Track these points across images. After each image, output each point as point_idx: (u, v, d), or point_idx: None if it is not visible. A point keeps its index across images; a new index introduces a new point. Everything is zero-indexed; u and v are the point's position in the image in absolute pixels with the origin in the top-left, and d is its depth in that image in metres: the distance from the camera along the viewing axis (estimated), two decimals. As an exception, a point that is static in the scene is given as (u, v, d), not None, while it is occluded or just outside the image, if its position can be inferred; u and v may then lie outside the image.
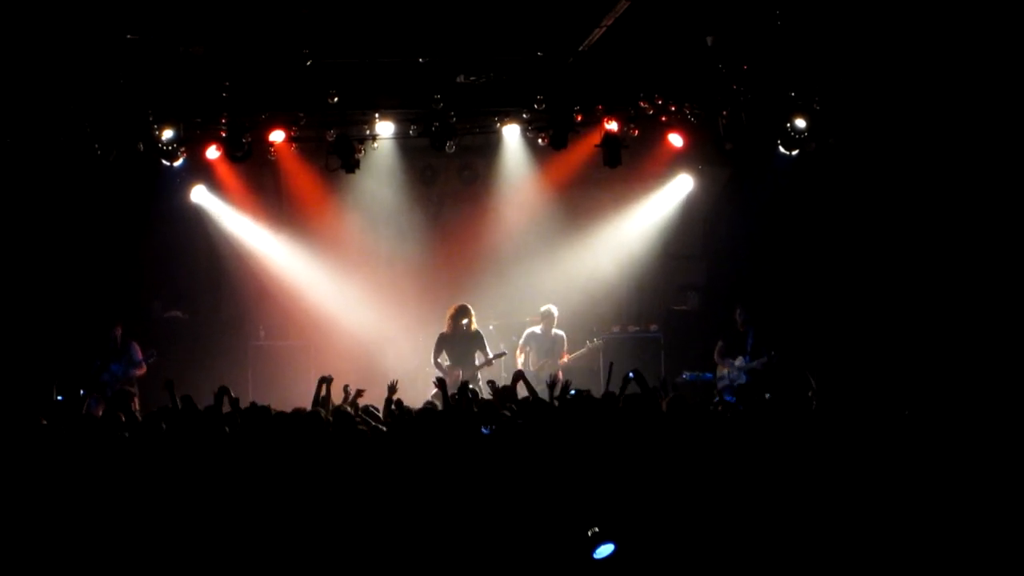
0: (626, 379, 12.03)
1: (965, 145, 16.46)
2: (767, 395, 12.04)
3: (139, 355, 17.20)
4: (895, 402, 11.08)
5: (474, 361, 17.08)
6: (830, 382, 12.88)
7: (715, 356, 17.77)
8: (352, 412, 11.42)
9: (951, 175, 16.77)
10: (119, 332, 17.33)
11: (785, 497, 9.20)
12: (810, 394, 12.16)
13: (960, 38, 15.13)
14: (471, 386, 16.14)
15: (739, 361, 17.42)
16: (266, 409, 10.79)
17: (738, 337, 17.64)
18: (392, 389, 12.16)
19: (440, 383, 12.72)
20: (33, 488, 9.12)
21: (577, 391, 11.93)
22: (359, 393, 12.68)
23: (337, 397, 12.71)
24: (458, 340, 17.11)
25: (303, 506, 8.93)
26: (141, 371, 17.15)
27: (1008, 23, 14.66)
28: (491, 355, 17.18)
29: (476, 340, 17.16)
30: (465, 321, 17.07)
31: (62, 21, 14.36)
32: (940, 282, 17.05)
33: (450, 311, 17.21)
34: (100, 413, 13.76)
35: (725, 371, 17.58)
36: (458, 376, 16.54)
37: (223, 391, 11.30)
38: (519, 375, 13.25)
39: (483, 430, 10.27)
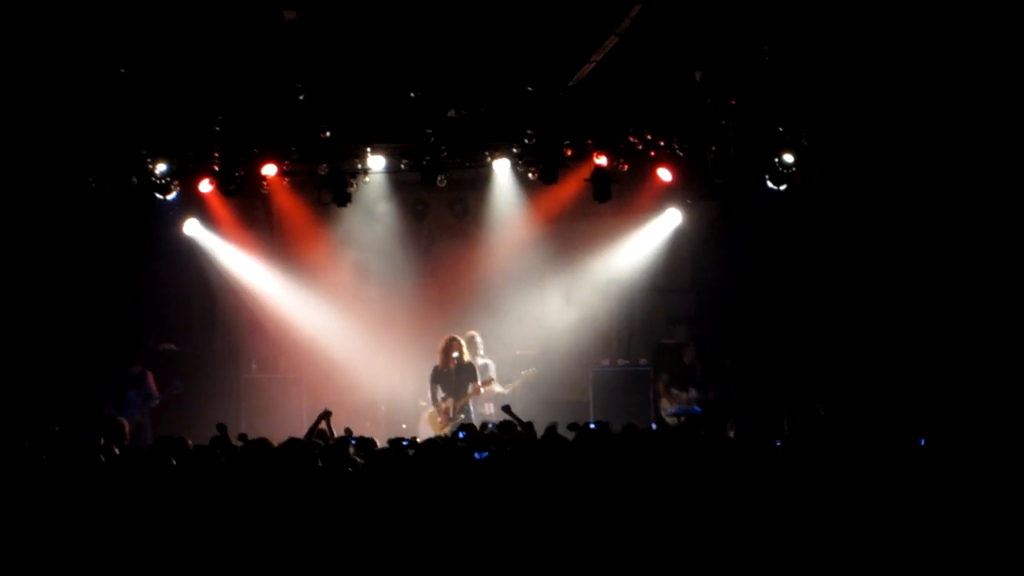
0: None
1: (953, 180, 16.58)
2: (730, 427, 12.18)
3: (154, 388, 17.62)
4: (880, 435, 11.09)
5: (467, 391, 17.16)
6: (817, 414, 12.87)
7: (659, 387, 18.21)
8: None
9: (939, 209, 16.88)
10: (140, 368, 17.79)
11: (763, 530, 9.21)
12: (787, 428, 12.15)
13: (946, 75, 15.30)
14: (462, 416, 16.40)
15: (691, 392, 17.73)
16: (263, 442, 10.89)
17: (684, 371, 18.23)
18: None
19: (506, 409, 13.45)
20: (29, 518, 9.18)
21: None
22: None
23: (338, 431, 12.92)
24: (450, 373, 17.23)
25: (299, 535, 8.98)
26: (156, 402, 17.65)
27: (990, 60, 14.84)
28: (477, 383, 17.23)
29: (467, 371, 17.26)
30: (456, 354, 17.18)
31: (56, 55, 14.46)
32: (929, 313, 17.13)
33: (440, 345, 17.32)
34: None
35: (671, 404, 18.04)
36: (448, 407, 16.79)
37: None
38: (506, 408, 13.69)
39: (476, 455, 10.34)
